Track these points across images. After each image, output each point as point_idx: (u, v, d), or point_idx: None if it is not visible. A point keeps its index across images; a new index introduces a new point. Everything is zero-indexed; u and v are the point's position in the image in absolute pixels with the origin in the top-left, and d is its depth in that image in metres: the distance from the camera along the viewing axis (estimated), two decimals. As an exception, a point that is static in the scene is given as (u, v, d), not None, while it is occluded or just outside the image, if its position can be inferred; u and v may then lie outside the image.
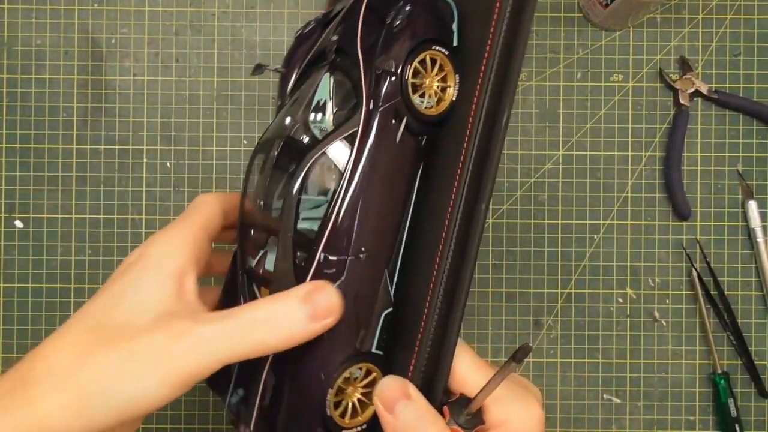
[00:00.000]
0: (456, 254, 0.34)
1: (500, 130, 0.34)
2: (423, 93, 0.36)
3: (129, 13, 0.54)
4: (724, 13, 0.54)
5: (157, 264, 0.34)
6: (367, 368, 0.35)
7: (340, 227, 0.35)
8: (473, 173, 0.34)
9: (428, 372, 0.35)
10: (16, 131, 0.53)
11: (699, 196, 0.54)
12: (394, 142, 0.35)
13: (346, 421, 0.35)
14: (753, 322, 0.54)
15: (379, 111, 0.35)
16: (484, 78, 0.34)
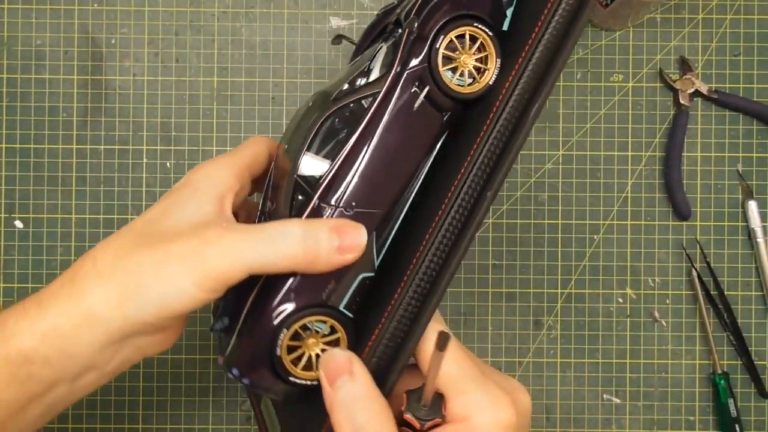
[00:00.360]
0: (447, 237, 0.34)
1: (526, 123, 0.33)
2: (456, 68, 0.35)
3: (129, 13, 0.54)
4: (724, 13, 0.54)
5: (201, 187, 0.37)
6: (332, 325, 0.35)
7: (337, 179, 0.35)
8: (487, 159, 0.33)
9: (388, 349, 0.34)
10: (16, 131, 0.53)
11: (699, 196, 0.54)
12: (411, 109, 0.35)
13: (298, 370, 0.35)
14: (753, 322, 0.54)
15: (405, 74, 0.35)
16: (519, 68, 0.34)
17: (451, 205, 0.34)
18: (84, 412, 0.53)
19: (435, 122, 0.36)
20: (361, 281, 0.36)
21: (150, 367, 0.53)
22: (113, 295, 0.33)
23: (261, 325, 0.35)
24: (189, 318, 0.38)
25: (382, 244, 0.36)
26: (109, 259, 0.34)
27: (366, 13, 0.54)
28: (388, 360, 0.34)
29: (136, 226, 0.36)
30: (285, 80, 0.54)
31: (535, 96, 0.33)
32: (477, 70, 0.36)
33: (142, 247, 0.34)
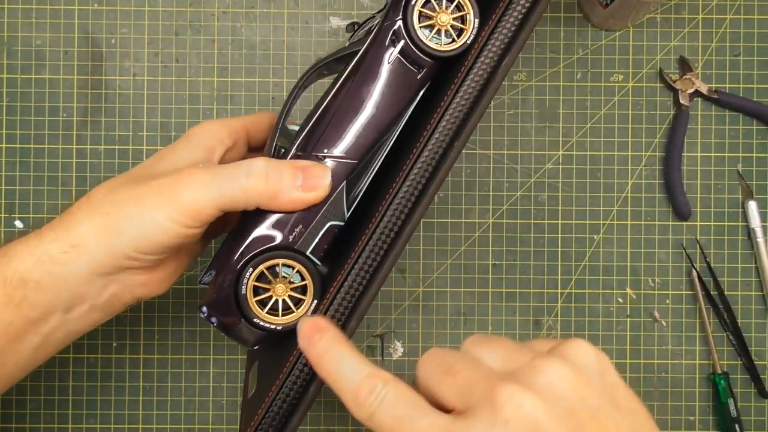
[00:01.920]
0: (414, 186, 0.35)
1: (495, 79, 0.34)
2: (434, 26, 0.36)
3: (129, 13, 0.54)
4: (724, 13, 0.54)
5: (196, 140, 0.40)
6: (299, 271, 0.36)
7: (316, 129, 0.37)
8: (457, 112, 0.35)
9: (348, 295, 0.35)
10: (16, 131, 0.53)
11: (699, 196, 0.54)
12: (385, 62, 0.37)
13: (263, 313, 0.36)
14: (753, 322, 0.54)
15: (381, 30, 0.37)
16: (492, 23, 0.35)
17: (417, 154, 0.35)
18: (84, 412, 0.53)
19: (410, 78, 0.37)
20: (330, 228, 0.37)
21: (150, 367, 0.53)
22: (99, 226, 0.36)
23: (229, 264, 0.36)
24: (188, 287, 0.39)
25: (354, 196, 0.38)
26: (100, 195, 0.37)
27: (366, 12, 0.54)
28: (348, 306, 0.35)
29: (131, 171, 0.40)
30: (285, 80, 0.54)
31: (505, 53, 0.34)
32: (456, 30, 0.37)
33: (129, 185, 0.37)
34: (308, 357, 0.33)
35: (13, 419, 0.53)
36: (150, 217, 0.35)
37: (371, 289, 0.35)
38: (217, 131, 0.40)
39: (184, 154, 0.39)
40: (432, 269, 0.54)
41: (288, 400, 0.35)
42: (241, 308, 0.36)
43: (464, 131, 0.35)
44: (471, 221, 0.54)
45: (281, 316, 0.36)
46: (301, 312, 0.36)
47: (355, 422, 0.53)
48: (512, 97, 0.54)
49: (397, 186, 0.35)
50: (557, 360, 0.28)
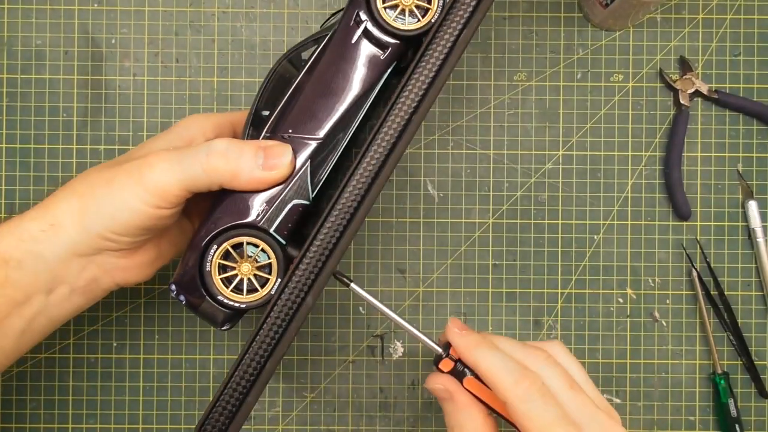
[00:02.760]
0: (373, 163, 0.35)
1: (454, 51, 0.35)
2: (397, 6, 0.37)
3: (129, 13, 0.54)
4: (724, 13, 0.54)
5: (177, 130, 0.41)
6: (264, 250, 0.37)
7: (284, 111, 0.38)
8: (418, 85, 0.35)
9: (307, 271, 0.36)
10: (16, 131, 0.53)
11: (699, 196, 0.54)
12: (349, 42, 0.37)
13: (227, 291, 0.37)
14: (753, 322, 0.54)
15: (346, 12, 0.37)
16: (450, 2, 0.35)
17: (376, 129, 0.36)
18: (84, 412, 0.53)
19: (375, 58, 0.38)
20: (294, 207, 0.37)
21: (150, 367, 0.53)
22: (75, 207, 0.37)
23: (195, 242, 0.37)
24: (165, 267, 0.42)
25: (319, 176, 0.38)
26: (78, 179, 0.39)
27: (366, 13, 0.54)
28: (306, 281, 0.36)
29: (115, 158, 0.41)
30: (285, 80, 0.54)
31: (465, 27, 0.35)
32: (422, 10, 0.37)
33: (105, 168, 0.38)
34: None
35: (13, 419, 0.53)
36: (120, 197, 0.36)
37: (329, 264, 0.36)
38: (201, 124, 0.41)
39: (162, 143, 0.41)
40: (432, 269, 0.54)
41: (246, 376, 0.36)
42: (206, 286, 0.37)
43: (423, 105, 0.35)
44: (471, 221, 0.54)
45: (246, 295, 0.37)
46: (265, 291, 0.37)
47: (355, 422, 0.53)
48: (512, 97, 0.54)
49: (357, 162, 0.35)
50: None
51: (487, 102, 0.54)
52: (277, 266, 0.37)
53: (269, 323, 0.36)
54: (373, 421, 0.54)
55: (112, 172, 0.37)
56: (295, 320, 0.36)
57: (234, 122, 0.43)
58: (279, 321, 0.36)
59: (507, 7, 0.54)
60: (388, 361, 0.54)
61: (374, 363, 0.54)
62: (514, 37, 0.54)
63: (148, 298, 0.53)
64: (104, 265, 0.39)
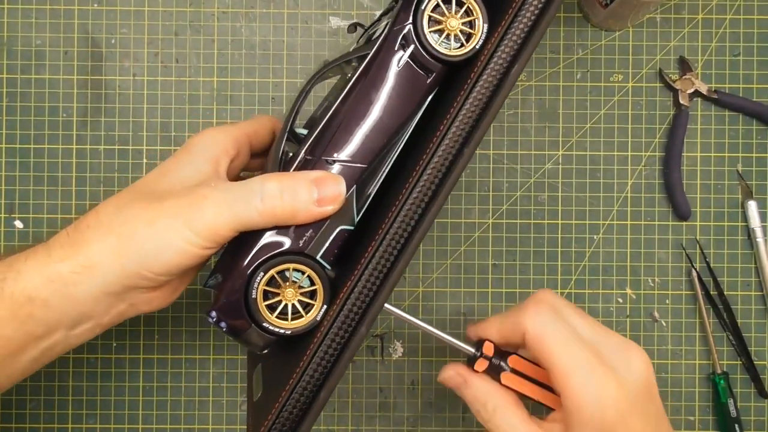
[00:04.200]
0: (423, 193, 0.35)
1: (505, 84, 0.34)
2: (443, 32, 0.36)
3: (129, 13, 0.54)
4: (724, 13, 0.54)
5: (199, 151, 0.39)
6: (310, 276, 0.36)
7: (325, 133, 0.37)
8: (467, 118, 0.35)
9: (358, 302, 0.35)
10: (16, 131, 0.53)
11: (699, 196, 0.54)
12: (395, 67, 0.37)
13: (272, 317, 0.36)
14: (753, 322, 0.54)
15: (390, 35, 0.36)
16: (501, 30, 0.34)
17: (428, 160, 0.35)
18: (84, 412, 0.53)
19: (420, 82, 0.37)
20: (340, 233, 0.37)
21: (150, 367, 0.53)
22: (112, 246, 0.35)
23: (239, 268, 0.36)
24: (188, 288, 0.40)
25: (363, 200, 0.37)
26: (109, 212, 0.37)
27: (366, 13, 0.54)
28: (359, 312, 0.35)
29: (136, 185, 0.39)
30: (285, 80, 0.54)
31: (515, 59, 0.34)
32: (465, 34, 0.37)
33: (139, 203, 0.36)
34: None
35: (13, 419, 0.53)
36: (165, 238, 0.35)
37: (381, 295, 0.35)
38: (220, 141, 0.40)
39: (190, 169, 0.38)
40: (432, 269, 0.54)
41: (298, 405, 0.35)
42: (251, 313, 0.36)
43: (474, 137, 0.34)
44: (471, 221, 0.54)
45: (291, 321, 0.36)
46: (310, 316, 0.36)
47: (355, 422, 0.53)
48: (512, 97, 0.54)
49: (407, 192, 0.35)
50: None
51: (487, 102, 0.54)
52: (323, 292, 0.36)
53: (321, 352, 0.35)
54: (373, 421, 0.54)
55: (153, 211, 0.36)
56: (348, 350, 0.35)
57: (250, 134, 0.42)
58: (331, 350, 0.35)
59: (507, 7, 0.54)
60: (388, 361, 0.54)
61: (374, 363, 0.54)
62: (514, 37, 0.54)
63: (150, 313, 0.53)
64: (133, 299, 0.37)
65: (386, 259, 0.35)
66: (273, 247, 0.36)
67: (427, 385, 0.54)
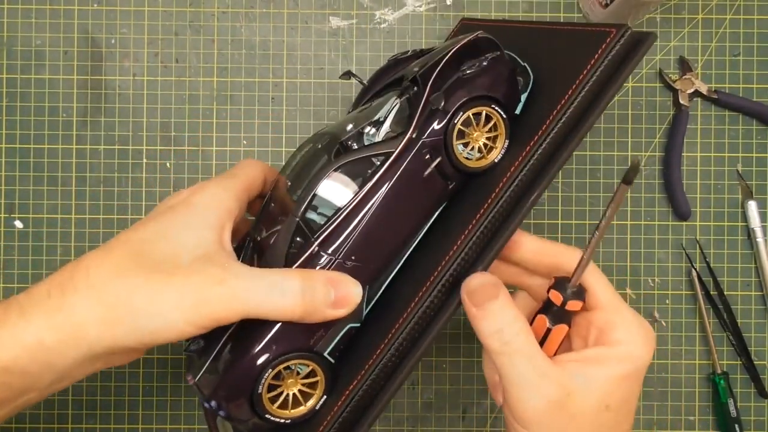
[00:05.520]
0: (434, 302, 0.35)
1: (525, 207, 0.35)
2: (468, 143, 0.37)
3: (129, 13, 0.54)
4: (724, 13, 0.54)
5: (203, 213, 0.36)
6: (312, 368, 0.36)
7: (341, 230, 0.36)
8: (483, 236, 0.35)
9: (362, 400, 0.36)
10: (16, 131, 0.53)
11: (699, 196, 0.54)
12: (421, 175, 0.37)
13: (274, 408, 0.36)
14: (753, 322, 0.54)
15: (420, 142, 0.36)
16: (527, 155, 0.35)
17: (440, 277, 0.35)
18: (84, 413, 0.53)
19: (440, 190, 0.38)
20: (348, 331, 0.37)
21: (150, 367, 0.53)
22: (103, 316, 0.33)
23: (246, 362, 0.35)
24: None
25: (372, 297, 0.38)
26: (104, 275, 0.34)
27: (366, 13, 0.54)
28: (361, 408, 0.36)
29: (130, 243, 0.35)
30: (285, 80, 0.54)
31: (537, 181, 0.35)
32: (485, 146, 0.37)
33: (141, 271, 0.33)
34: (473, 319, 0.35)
35: (13, 419, 0.53)
36: (166, 317, 0.33)
37: (383, 398, 0.35)
38: (223, 202, 0.37)
39: (192, 235, 0.35)
40: (432, 269, 0.54)
41: None
42: (255, 406, 0.36)
43: (488, 256, 0.35)
44: (471, 221, 0.54)
45: (290, 410, 0.37)
46: (309, 405, 0.37)
47: (355, 422, 0.53)
48: (512, 97, 0.54)
49: (417, 308, 0.35)
50: None
51: (487, 102, 0.54)
52: (324, 384, 0.37)
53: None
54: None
55: (156, 285, 0.33)
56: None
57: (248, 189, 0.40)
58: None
59: (507, 7, 0.54)
60: (388, 361, 0.54)
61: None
62: (514, 37, 0.54)
63: (148, 298, 0.53)
64: (112, 360, 0.35)
65: (392, 362, 0.35)
66: (283, 344, 0.35)
67: (427, 385, 0.54)
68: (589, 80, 0.34)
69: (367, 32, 0.54)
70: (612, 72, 0.34)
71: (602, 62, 0.34)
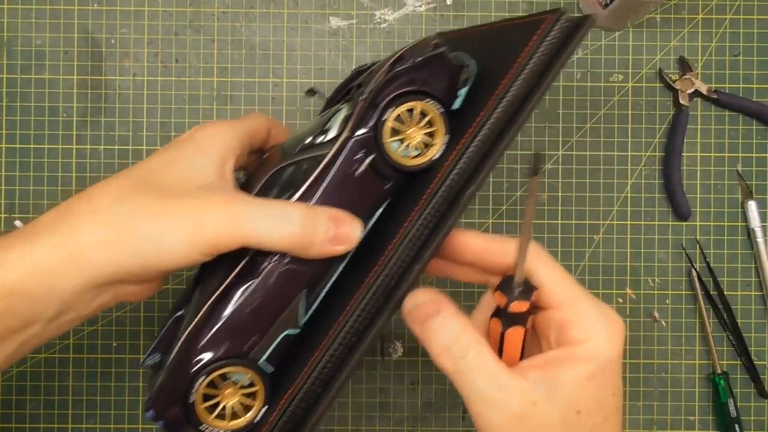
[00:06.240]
0: (371, 305, 0.34)
1: (460, 203, 0.33)
2: (404, 140, 0.36)
3: (129, 13, 0.54)
4: (724, 13, 0.54)
5: (206, 146, 0.37)
6: (251, 378, 0.36)
7: None
8: (419, 233, 0.34)
9: (299, 409, 0.35)
10: (16, 131, 0.53)
11: (699, 196, 0.54)
12: (353, 174, 0.36)
13: (210, 418, 0.36)
14: (753, 322, 0.54)
15: (351, 140, 0.36)
16: (459, 149, 0.34)
17: (376, 276, 0.34)
18: (84, 412, 0.53)
19: (377, 189, 0.37)
20: (284, 338, 0.36)
21: (150, 367, 0.53)
22: (108, 238, 0.33)
23: (181, 369, 0.35)
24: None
25: (311, 303, 0.37)
26: (107, 200, 0.34)
27: (365, 13, 0.54)
28: (299, 416, 0.35)
29: (135, 172, 0.36)
30: (285, 80, 0.54)
31: (472, 178, 0.34)
32: (424, 144, 0.36)
33: (141, 195, 0.34)
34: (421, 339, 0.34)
35: (13, 419, 0.53)
36: (169, 239, 0.33)
37: (322, 404, 0.34)
38: (227, 138, 0.38)
39: (196, 166, 0.36)
40: (432, 269, 0.54)
41: None
42: (189, 416, 0.35)
43: (425, 256, 0.34)
44: (471, 221, 0.54)
45: (229, 421, 0.36)
46: (249, 417, 0.36)
47: (355, 422, 0.53)
48: (512, 97, 0.54)
49: (355, 306, 0.34)
50: None
51: (486, 102, 0.54)
52: (263, 393, 0.36)
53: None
54: (373, 421, 0.54)
55: (158, 207, 0.33)
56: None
57: (252, 133, 0.41)
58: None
59: (507, 8, 0.54)
60: (388, 361, 0.54)
61: (374, 363, 0.54)
62: (514, 37, 0.54)
63: (148, 299, 0.53)
64: (118, 291, 0.35)
65: (329, 369, 0.34)
66: (216, 350, 0.35)
67: (427, 385, 0.54)
68: (524, 69, 0.33)
69: (367, 32, 0.54)
70: (551, 59, 0.33)
71: (536, 49, 0.33)
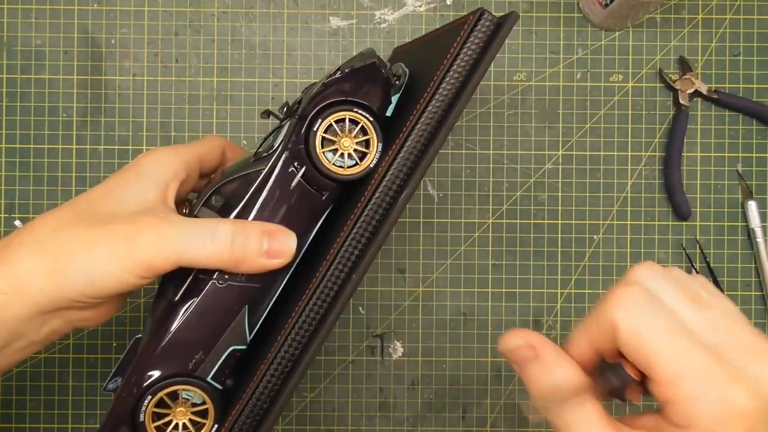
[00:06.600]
0: (312, 317, 0.35)
1: (394, 209, 0.34)
2: (337, 150, 0.36)
3: (129, 13, 0.54)
4: (724, 13, 0.54)
5: (147, 173, 0.37)
6: (201, 396, 0.36)
7: None
8: (355, 242, 0.34)
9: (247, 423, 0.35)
10: (16, 131, 0.53)
11: (699, 196, 0.54)
12: (288, 187, 0.36)
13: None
14: (753, 322, 0.54)
15: (284, 154, 0.36)
16: (391, 155, 0.34)
17: (315, 288, 0.34)
18: (84, 413, 0.53)
19: (314, 201, 0.37)
20: (231, 353, 0.36)
21: (150, 367, 0.53)
22: (45, 267, 0.34)
23: (130, 389, 0.35)
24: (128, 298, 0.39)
25: (257, 319, 0.37)
26: (46, 231, 0.35)
27: (365, 13, 0.54)
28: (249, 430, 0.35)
29: (77, 203, 0.37)
30: (285, 80, 0.54)
31: (406, 182, 0.34)
32: (362, 153, 0.36)
33: (79, 224, 0.35)
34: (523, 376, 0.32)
35: (13, 419, 0.53)
36: (101, 265, 0.34)
37: (269, 418, 0.35)
38: (170, 164, 0.38)
39: (137, 192, 0.37)
40: (432, 269, 0.54)
41: None
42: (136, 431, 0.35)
43: (361, 265, 0.34)
44: (471, 221, 0.54)
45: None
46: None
47: (355, 422, 0.53)
48: (512, 97, 0.54)
49: (296, 317, 0.34)
50: None
51: (486, 102, 0.54)
52: (214, 411, 0.36)
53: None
54: (372, 421, 0.54)
55: (91, 235, 0.34)
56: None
57: (201, 156, 0.41)
58: None
59: (507, 7, 0.54)
60: (388, 361, 0.54)
61: (374, 363, 0.54)
62: (514, 37, 0.54)
63: (148, 298, 0.53)
64: (67, 317, 0.36)
65: (274, 383, 0.35)
66: (161, 369, 0.35)
67: (427, 385, 0.54)
68: (448, 72, 0.33)
69: (367, 32, 0.54)
70: (475, 59, 0.33)
71: (460, 50, 0.33)
